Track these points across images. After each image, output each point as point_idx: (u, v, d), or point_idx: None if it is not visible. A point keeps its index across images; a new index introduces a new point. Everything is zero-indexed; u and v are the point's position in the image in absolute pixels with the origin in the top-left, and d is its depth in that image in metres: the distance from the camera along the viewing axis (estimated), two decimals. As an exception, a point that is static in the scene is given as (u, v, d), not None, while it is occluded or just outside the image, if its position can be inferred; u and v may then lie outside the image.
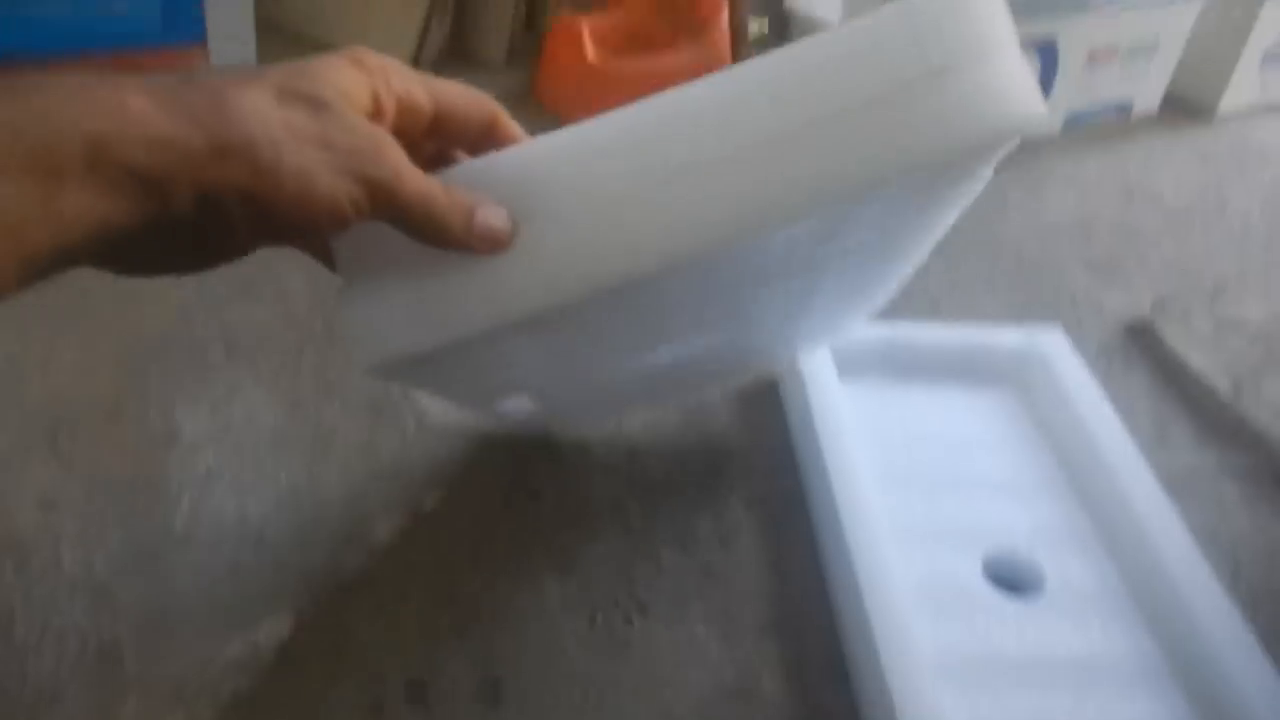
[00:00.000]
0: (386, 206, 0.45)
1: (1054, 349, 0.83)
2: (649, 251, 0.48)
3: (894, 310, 0.96)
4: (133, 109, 0.39)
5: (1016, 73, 0.48)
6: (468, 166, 0.51)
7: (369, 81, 0.46)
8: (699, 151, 0.47)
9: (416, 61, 1.25)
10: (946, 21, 0.47)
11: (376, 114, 0.46)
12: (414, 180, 0.46)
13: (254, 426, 0.80)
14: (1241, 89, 1.36)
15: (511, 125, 0.53)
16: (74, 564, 0.68)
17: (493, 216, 0.48)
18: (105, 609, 0.66)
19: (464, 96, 0.51)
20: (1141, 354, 0.94)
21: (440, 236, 0.47)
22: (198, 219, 0.41)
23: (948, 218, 0.61)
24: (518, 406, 0.70)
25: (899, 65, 0.46)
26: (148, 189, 0.40)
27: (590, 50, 1.17)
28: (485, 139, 0.52)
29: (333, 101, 0.43)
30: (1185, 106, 1.38)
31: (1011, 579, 0.69)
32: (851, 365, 0.82)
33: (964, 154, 0.46)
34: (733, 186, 0.47)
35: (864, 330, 0.85)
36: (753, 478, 0.78)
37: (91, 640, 0.64)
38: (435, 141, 0.52)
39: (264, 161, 0.41)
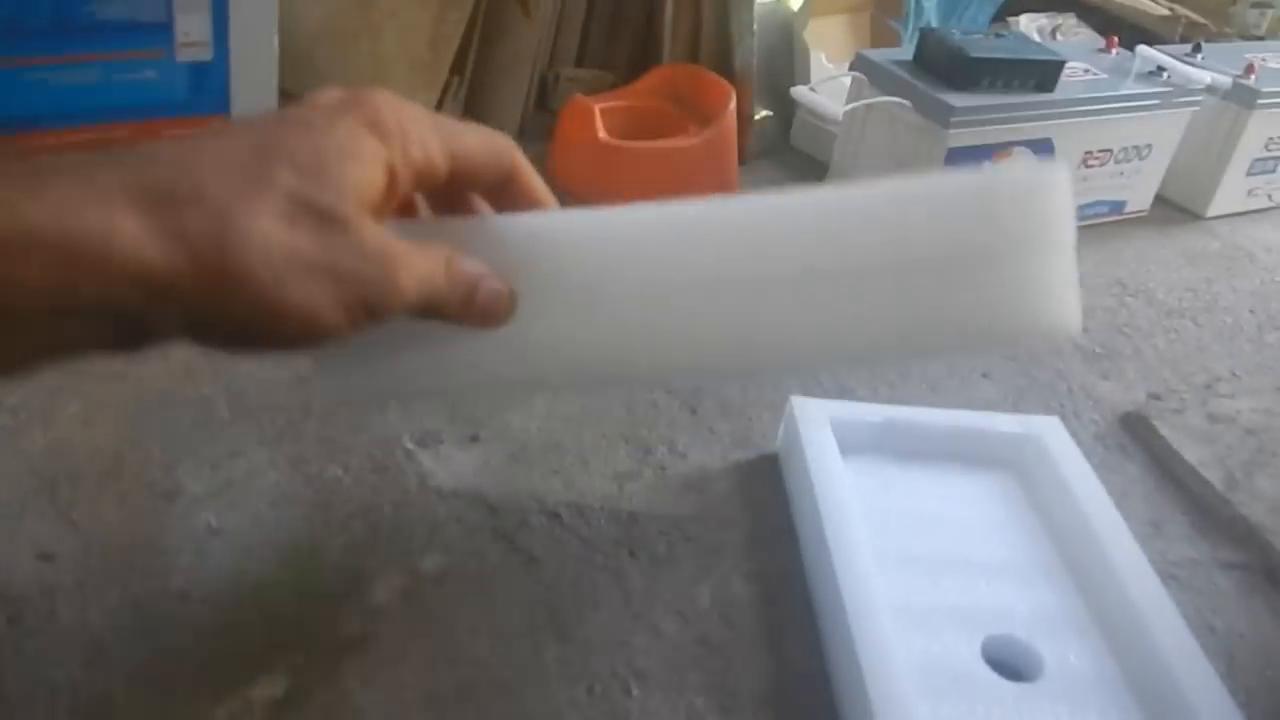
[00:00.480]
0: (389, 317, 0.43)
1: (1051, 436, 0.84)
2: (647, 361, 0.47)
3: (892, 394, 0.98)
4: (122, 234, 0.35)
5: (1068, 277, 0.47)
6: (481, 225, 0.51)
7: (386, 156, 0.43)
8: (723, 269, 0.45)
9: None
10: (1019, 204, 0.45)
11: (390, 189, 0.44)
12: (416, 283, 0.43)
13: (255, 484, 0.80)
14: (1229, 193, 1.41)
15: (531, 176, 0.51)
16: (69, 618, 0.68)
17: (493, 294, 0.47)
18: (99, 664, 0.65)
19: (483, 150, 0.49)
20: (1136, 444, 0.95)
21: (437, 316, 0.46)
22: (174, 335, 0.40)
23: None
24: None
25: (959, 236, 0.44)
26: (132, 325, 0.38)
27: (601, 130, 1.20)
28: (504, 189, 0.51)
29: (347, 218, 0.40)
30: (1176, 207, 1.42)
31: (1010, 663, 0.69)
32: (853, 443, 0.83)
33: (995, 343, 0.45)
34: (749, 314, 0.45)
35: (866, 410, 0.87)
36: (753, 550, 0.78)
37: (84, 695, 0.63)
38: (453, 188, 0.51)
39: (265, 298, 0.38)
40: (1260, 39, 1.79)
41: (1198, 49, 1.39)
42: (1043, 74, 1.21)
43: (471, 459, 0.85)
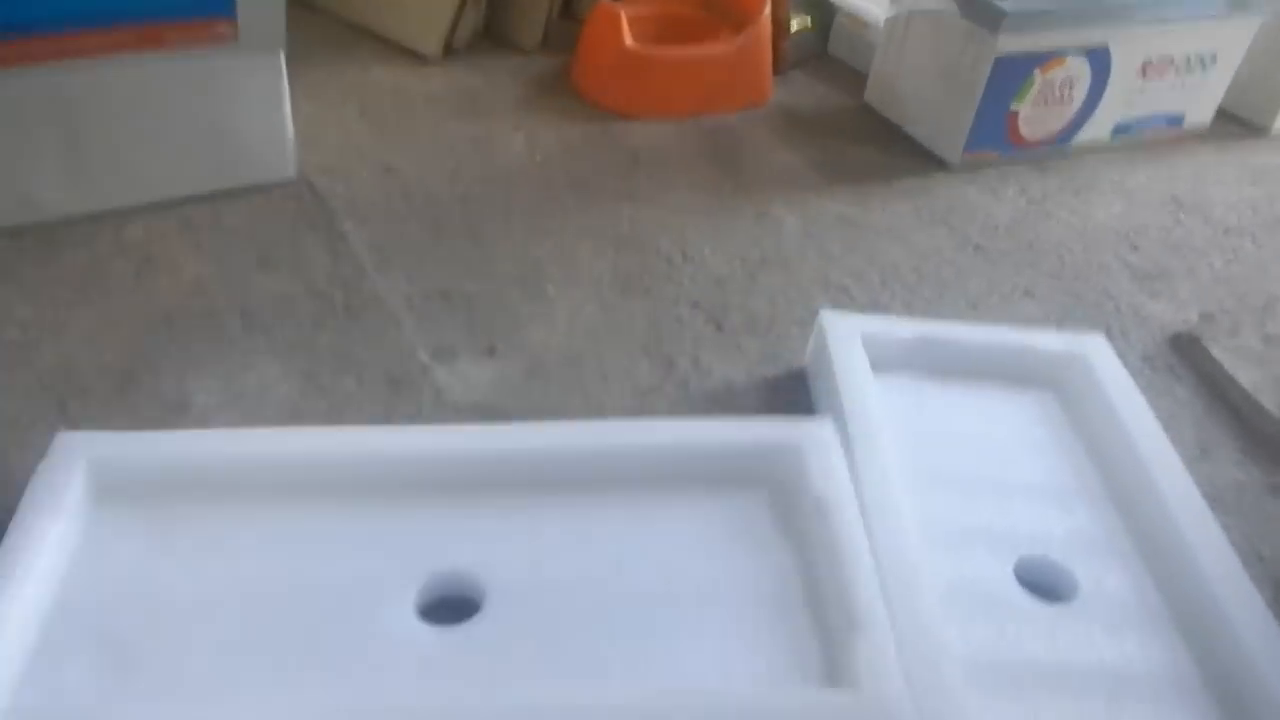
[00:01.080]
0: None
1: (1096, 355, 0.80)
2: None
3: (929, 311, 0.94)
4: None
5: None
6: None
7: None
8: None
9: (449, 45, 1.24)
10: None
11: None
12: None
13: (267, 397, 0.78)
14: (1298, 106, 1.32)
15: None
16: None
17: None
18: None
19: None
20: (1186, 366, 0.90)
21: None
22: None
23: None
24: None
25: None
26: None
27: (629, 37, 1.15)
28: None
29: None
30: (1239, 122, 1.34)
31: (1044, 585, 0.65)
32: (885, 360, 0.79)
33: None
34: None
35: (899, 325, 0.82)
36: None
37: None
38: None
39: None
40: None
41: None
42: (1100, -25, 1.13)
43: (488, 373, 0.83)
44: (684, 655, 0.58)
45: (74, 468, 0.63)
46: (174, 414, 0.76)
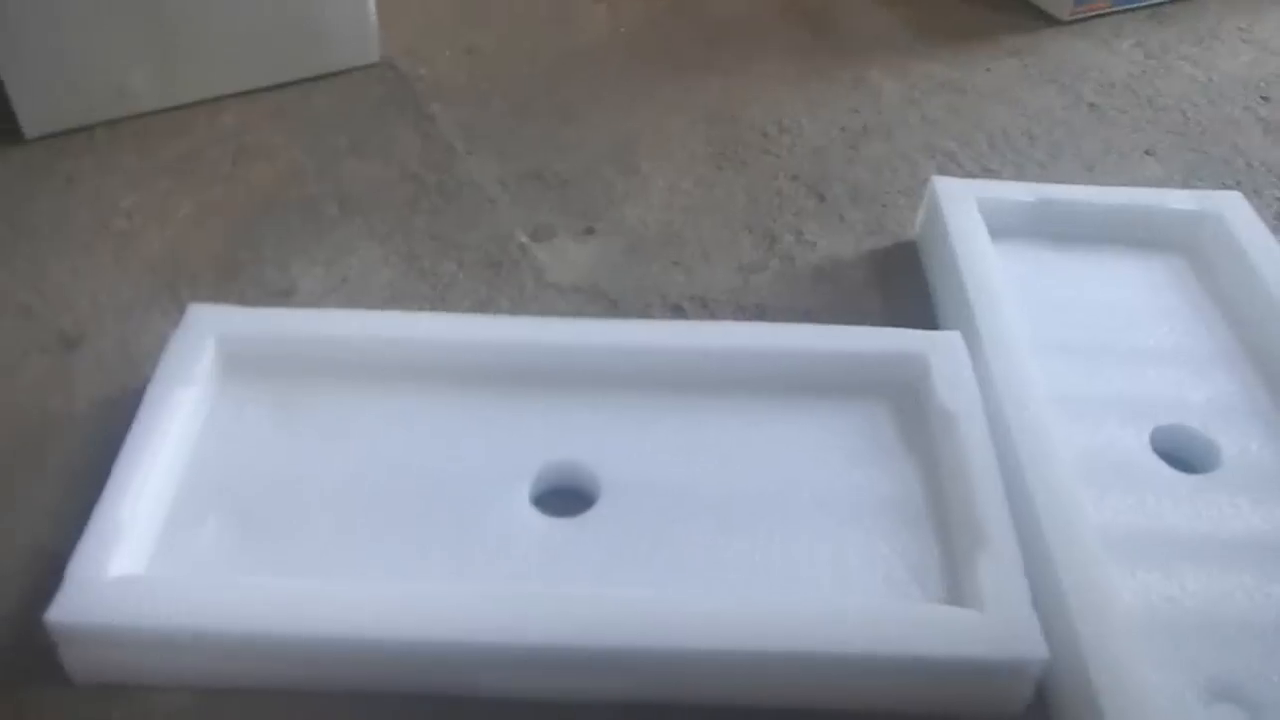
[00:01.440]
0: None
1: (1233, 213, 0.75)
2: None
3: (1042, 175, 0.89)
4: None
5: None
6: None
7: None
8: None
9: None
10: None
11: None
12: None
13: (370, 281, 0.78)
14: None
15: None
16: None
17: None
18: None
19: None
20: (1325, 225, 0.85)
21: None
22: None
23: None
24: None
25: None
26: None
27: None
28: None
29: None
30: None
31: (1184, 454, 0.63)
32: (1002, 226, 0.76)
33: None
34: None
35: (1017, 190, 0.78)
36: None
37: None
38: None
39: None
40: None
41: None
42: None
43: (588, 252, 0.81)
44: (799, 564, 0.57)
45: (205, 339, 0.64)
46: (281, 298, 0.76)
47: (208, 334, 0.65)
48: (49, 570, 0.53)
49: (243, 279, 0.78)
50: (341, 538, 0.57)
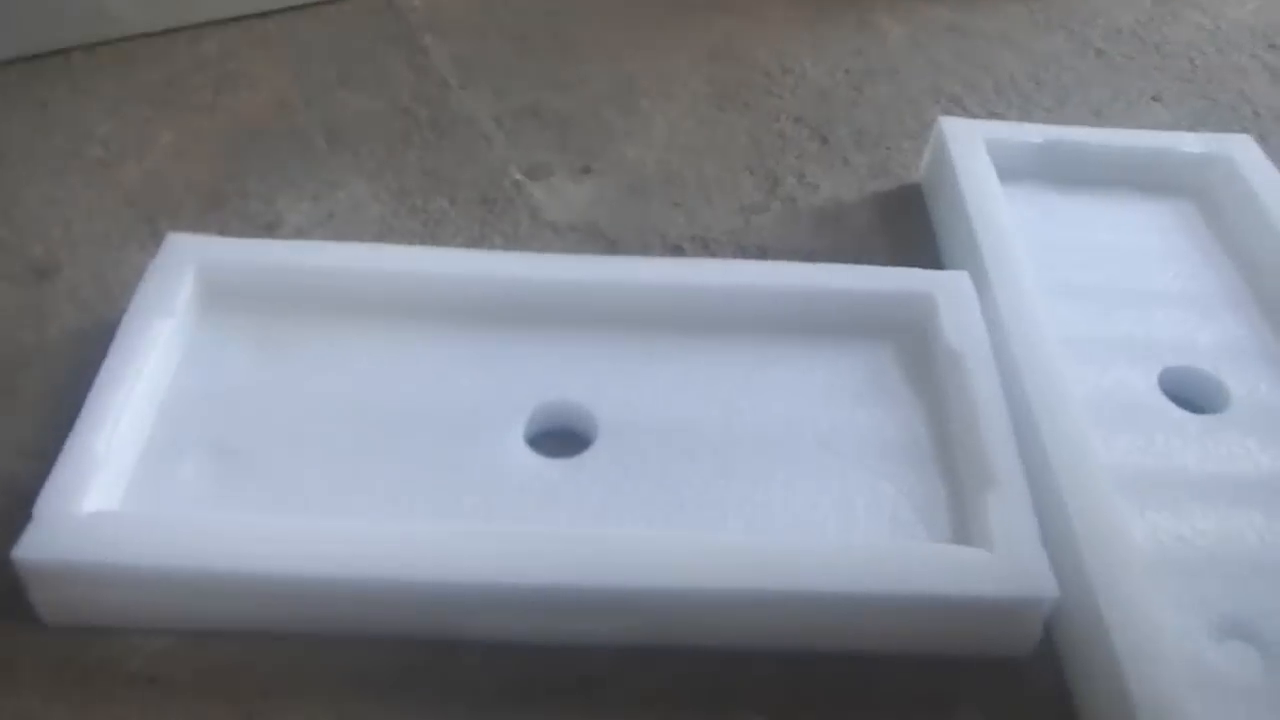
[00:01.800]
0: None
1: (1243, 156, 0.74)
2: None
3: (1050, 119, 0.87)
4: None
5: None
6: None
7: None
8: None
9: None
10: None
11: None
12: None
13: (359, 216, 0.75)
14: None
15: None
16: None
17: None
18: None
19: None
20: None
21: None
22: None
23: None
24: None
25: None
26: None
27: None
28: None
29: None
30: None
31: (1192, 395, 0.62)
32: (1010, 169, 0.74)
33: None
34: None
35: (1025, 131, 0.77)
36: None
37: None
38: None
39: None
40: None
41: None
42: None
43: (585, 191, 0.79)
44: (803, 505, 0.55)
45: (184, 269, 0.61)
46: (265, 232, 0.73)
47: (187, 264, 0.62)
48: (18, 507, 0.50)
49: (225, 211, 0.75)
50: (328, 476, 0.55)
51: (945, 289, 0.63)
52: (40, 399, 0.61)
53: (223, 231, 0.72)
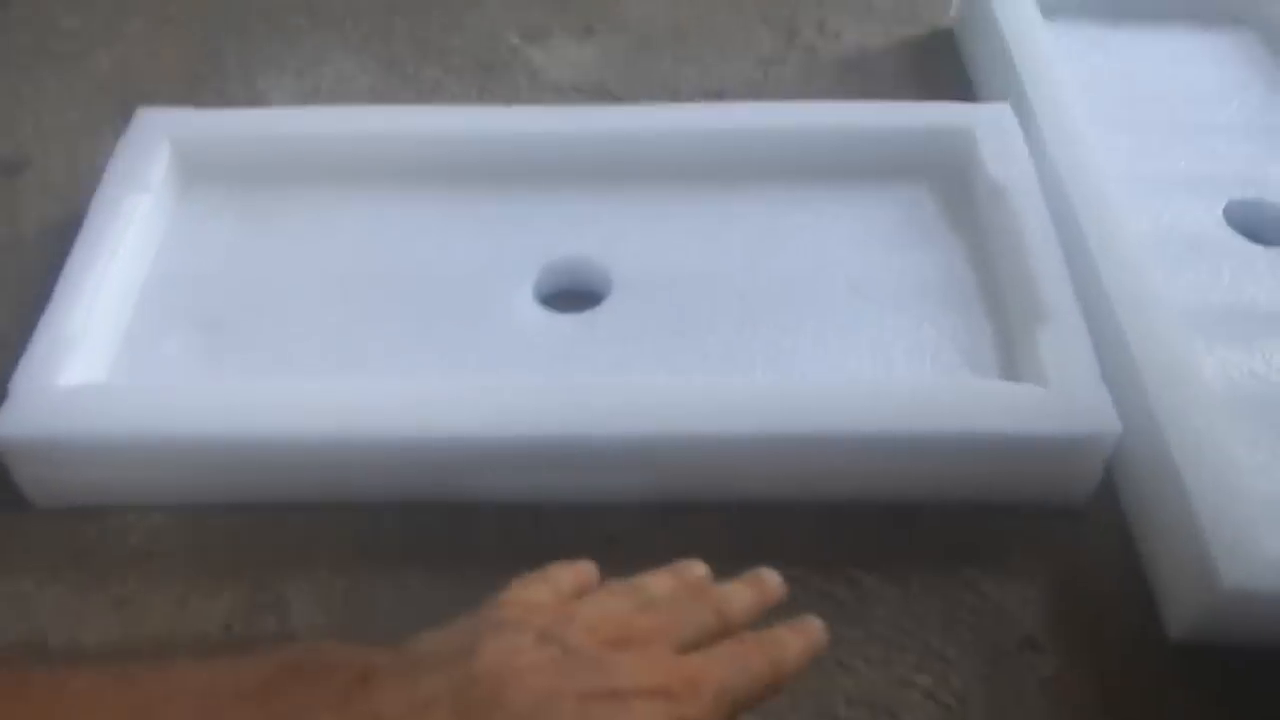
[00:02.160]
0: None
1: (1310, -23, 0.67)
2: None
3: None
4: None
5: None
6: None
7: None
8: None
9: None
10: None
11: None
12: None
13: (347, 90, 0.70)
14: None
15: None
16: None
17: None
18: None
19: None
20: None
21: None
22: None
23: None
24: None
25: None
26: None
27: None
28: None
29: None
30: None
31: (1260, 227, 0.56)
32: (1054, 4, 0.67)
33: None
34: None
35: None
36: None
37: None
38: None
39: None
40: None
41: None
42: None
43: (589, 51, 0.73)
44: (835, 350, 0.50)
45: (158, 143, 0.57)
46: (248, 110, 0.68)
47: (160, 138, 0.57)
48: (-2, 397, 0.47)
49: (204, 94, 0.70)
50: (325, 346, 0.51)
51: (985, 122, 0.58)
52: (16, 293, 0.56)
53: (202, 113, 0.68)
